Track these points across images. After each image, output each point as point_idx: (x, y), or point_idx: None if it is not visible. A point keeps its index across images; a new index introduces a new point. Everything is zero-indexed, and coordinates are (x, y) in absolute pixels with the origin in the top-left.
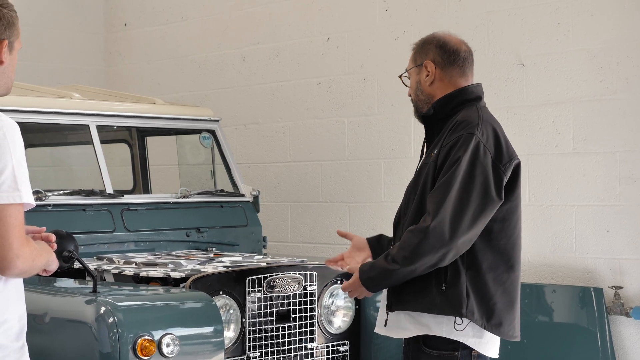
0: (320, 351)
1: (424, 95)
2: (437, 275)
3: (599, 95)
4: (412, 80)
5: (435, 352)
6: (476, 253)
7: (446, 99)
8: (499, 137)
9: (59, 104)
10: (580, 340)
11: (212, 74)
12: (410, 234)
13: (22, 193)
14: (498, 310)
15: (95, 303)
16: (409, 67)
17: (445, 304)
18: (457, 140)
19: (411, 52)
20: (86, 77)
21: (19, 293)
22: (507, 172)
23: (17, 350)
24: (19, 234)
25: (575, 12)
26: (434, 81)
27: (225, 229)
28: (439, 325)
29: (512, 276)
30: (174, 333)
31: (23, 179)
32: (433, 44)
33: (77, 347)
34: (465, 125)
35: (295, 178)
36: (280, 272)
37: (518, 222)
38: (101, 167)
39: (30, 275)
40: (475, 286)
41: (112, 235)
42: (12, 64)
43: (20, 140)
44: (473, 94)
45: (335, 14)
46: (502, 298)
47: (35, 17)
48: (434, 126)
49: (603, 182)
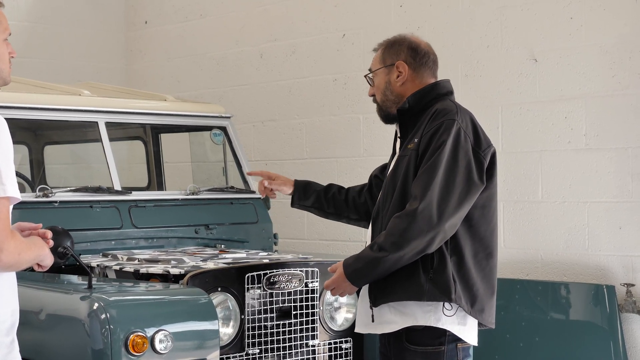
0: (322, 348)
1: (393, 95)
2: (424, 262)
3: (611, 91)
4: (380, 80)
5: (421, 347)
6: (458, 239)
7: (421, 94)
8: (476, 125)
9: (67, 101)
10: (593, 337)
11: (230, 71)
12: (398, 220)
13: (7, 187)
14: (480, 296)
15: (89, 299)
16: (376, 67)
17: (434, 290)
18: (440, 126)
19: (375, 52)
20: (107, 74)
21: (12, 289)
22: (486, 158)
23: (7, 345)
24: (4, 227)
25: (588, 7)
26: (406, 82)
27: (235, 226)
28: (426, 315)
29: (490, 263)
30: (167, 329)
31: (8, 173)
32: (404, 46)
33: (71, 344)
34: (445, 113)
35: (312, 174)
36: (282, 269)
37: (495, 210)
38: (109, 164)
39: (19, 269)
40: (460, 272)
41: (120, 232)
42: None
43: (7, 136)
44: (445, 88)
45: (351, 11)
46: (483, 284)
47: (57, 15)
48: (407, 121)
49: (615, 179)
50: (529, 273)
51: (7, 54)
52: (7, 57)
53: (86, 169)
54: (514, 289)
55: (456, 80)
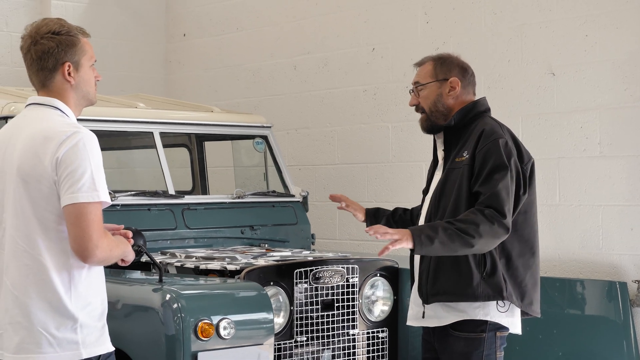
0: (361, 337)
1: (443, 108)
2: (477, 265)
3: (623, 103)
4: (430, 92)
5: (464, 334)
6: (506, 243)
7: (464, 111)
8: (517, 142)
9: (126, 113)
10: (606, 329)
11: (265, 82)
12: (477, 216)
13: (100, 193)
14: (528, 291)
15: (162, 291)
16: (427, 81)
17: (488, 291)
18: (492, 145)
19: (423, 66)
20: (148, 84)
21: (101, 281)
22: (527, 170)
23: (99, 328)
24: (98, 228)
25: (602, 25)
26: (457, 96)
27: (277, 227)
28: (475, 310)
29: (535, 260)
30: (230, 318)
31: (100, 182)
32: (454, 64)
33: (145, 330)
34: (492, 132)
35: (343, 179)
36: (325, 266)
37: (536, 213)
38: (164, 170)
39: (109, 263)
40: (509, 272)
41: (174, 233)
42: (84, 80)
43: (97, 149)
44: (484, 106)
45: (380, 26)
46: (530, 280)
47: (101, 29)
48: (452, 135)
49: (628, 184)
50: (547, 271)
51: (93, 78)
52: (93, 81)
53: (140, 173)
54: None
55: (479, 92)
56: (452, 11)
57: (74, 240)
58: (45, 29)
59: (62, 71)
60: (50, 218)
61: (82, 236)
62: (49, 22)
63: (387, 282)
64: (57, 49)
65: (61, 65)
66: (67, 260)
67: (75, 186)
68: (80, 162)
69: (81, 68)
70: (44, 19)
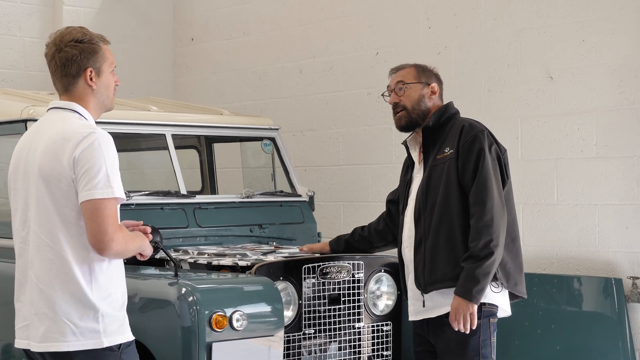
0: (366, 330)
1: (424, 108)
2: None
3: (619, 106)
4: (414, 92)
5: None
6: None
7: (439, 113)
8: (493, 135)
9: (140, 116)
10: (602, 324)
11: (272, 85)
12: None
13: (114, 189)
14: (512, 273)
15: (177, 285)
16: (412, 81)
17: None
18: (474, 138)
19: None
20: (156, 87)
21: (121, 273)
22: (506, 160)
23: (120, 319)
24: (113, 222)
25: (598, 30)
26: (434, 101)
27: (284, 225)
28: None
29: (516, 245)
30: (242, 310)
31: (115, 179)
32: (433, 73)
33: (162, 322)
34: (472, 127)
35: (348, 180)
36: (332, 262)
37: (513, 201)
38: (176, 170)
39: (126, 256)
40: None
41: (186, 231)
42: (104, 84)
43: (112, 148)
44: (454, 109)
45: (384, 31)
46: (513, 263)
47: (111, 34)
48: (429, 136)
49: (623, 184)
50: (545, 268)
51: (113, 83)
52: (113, 86)
53: (153, 174)
54: (532, 282)
55: (480, 94)
56: (454, 16)
57: (91, 234)
58: (69, 37)
59: (84, 77)
60: (71, 214)
61: (98, 230)
62: (72, 30)
63: (391, 277)
64: (80, 56)
65: (84, 71)
66: (88, 254)
67: (91, 183)
68: (96, 160)
69: (102, 74)
70: (67, 28)
